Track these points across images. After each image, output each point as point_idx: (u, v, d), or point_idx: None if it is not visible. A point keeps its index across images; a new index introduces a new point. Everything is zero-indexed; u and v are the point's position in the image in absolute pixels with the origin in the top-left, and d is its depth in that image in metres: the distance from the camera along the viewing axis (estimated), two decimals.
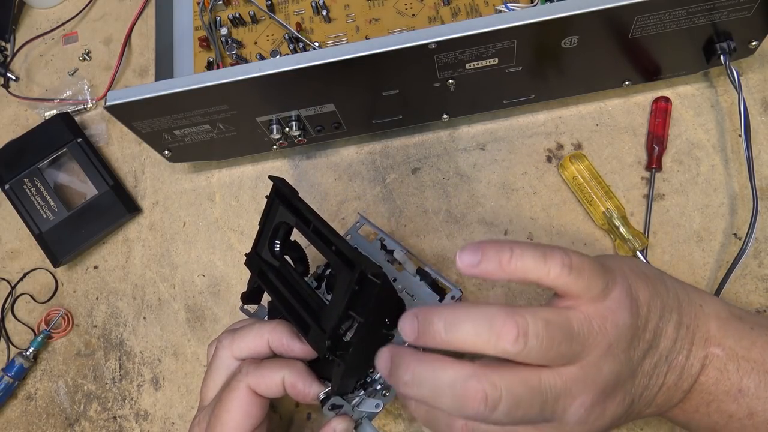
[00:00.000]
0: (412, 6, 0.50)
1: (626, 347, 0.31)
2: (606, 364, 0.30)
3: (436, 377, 0.29)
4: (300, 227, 0.38)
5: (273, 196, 0.39)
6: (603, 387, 0.30)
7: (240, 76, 0.40)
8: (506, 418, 0.28)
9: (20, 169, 0.54)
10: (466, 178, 0.49)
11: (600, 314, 0.31)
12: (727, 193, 0.45)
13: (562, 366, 0.30)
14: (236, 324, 0.41)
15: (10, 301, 0.54)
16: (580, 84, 0.46)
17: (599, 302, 0.31)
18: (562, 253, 0.30)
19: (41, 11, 0.64)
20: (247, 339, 0.38)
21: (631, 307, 0.31)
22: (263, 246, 0.40)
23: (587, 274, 0.30)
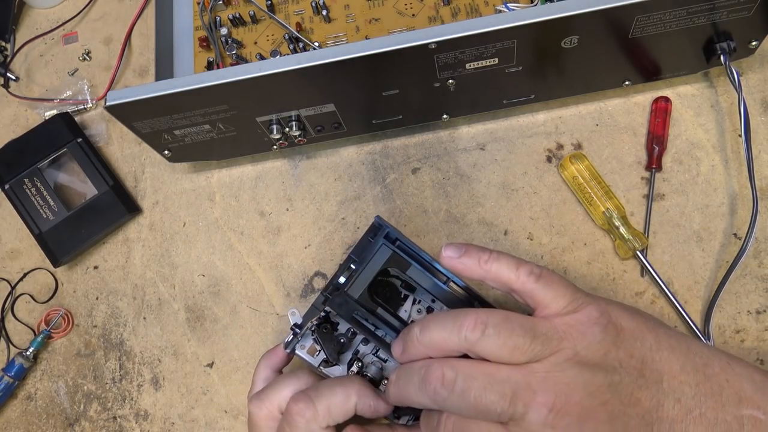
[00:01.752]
0: (412, 6, 0.50)
1: (599, 361, 0.31)
2: (572, 369, 0.30)
3: (408, 372, 0.34)
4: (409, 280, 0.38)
5: (382, 240, 0.37)
6: (569, 392, 0.30)
7: (240, 76, 0.40)
8: (462, 400, 0.31)
9: (20, 169, 0.54)
10: (466, 178, 0.49)
11: (566, 322, 0.32)
12: (727, 193, 0.45)
13: (525, 363, 0.31)
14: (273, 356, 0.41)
15: (10, 301, 0.54)
16: (580, 84, 0.46)
17: (568, 314, 0.32)
18: (534, 265, 0.33)
19: (41, 11, 0.64)
20: (335, 404, 0.36)
21: (606, 325, 0.32)
22: (359, 289, 0.37)
23: (555, 285, 0.33)
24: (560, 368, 0.30)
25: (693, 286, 0.44)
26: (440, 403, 0.31)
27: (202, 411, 0.48)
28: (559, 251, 0.46)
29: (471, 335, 0.31)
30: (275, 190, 0.52)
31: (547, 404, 0.30)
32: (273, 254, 0.50)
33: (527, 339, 0.31)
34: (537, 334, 0.31)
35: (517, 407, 0.30)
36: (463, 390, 0.31)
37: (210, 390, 0.48)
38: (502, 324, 0.31)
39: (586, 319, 0.32)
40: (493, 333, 0.31)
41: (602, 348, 0.31)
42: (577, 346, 0.31)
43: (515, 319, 0.32)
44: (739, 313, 0.42)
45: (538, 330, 0.31)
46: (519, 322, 0.31)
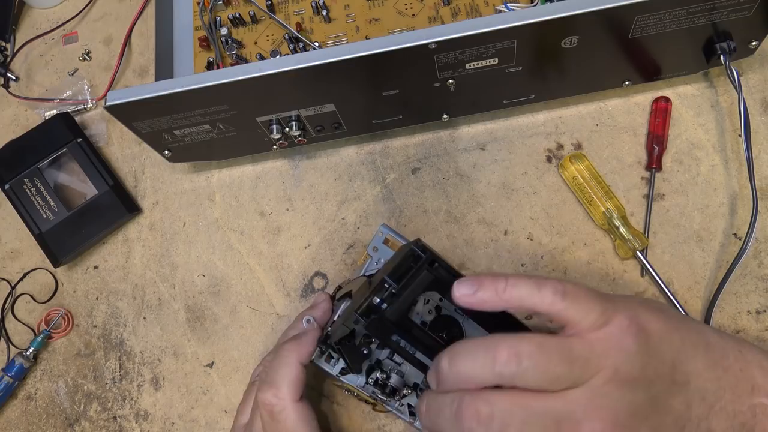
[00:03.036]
0: (412, 6, 0.50)
1: (639, 375, 0.30)
2: (616, 391, 0.29)
3: (439, 400, 0.31)
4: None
5: (425, 265, 0.35)
6: (615, 416, 0.29)
7: (240, 76, 0.40)
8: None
9: (20, 169, 0.54)
10: (466, 178, 0.49)
11: (601, 339, 0.30)
12: (727, 193, 0.45)
13: (565, 390, 0.29)
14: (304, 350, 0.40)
15: (10, 301, 0.54)
16: (580, 84, 0.46)
17: (600, 328, 0.30)
18: (555, 282, 0.31)
19: (41, 11, 0.64)
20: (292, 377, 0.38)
21: (637, 333, 0.31)
22: (397, 313, 0.35)
23: (583, 300, 0.31)
24: (602, 392, 0.29)
25: (693, 286, 0.44)
26: None
27: (202, 411, 0.48)
28: (559, 251, 0.46)
29: (506, 369, 0.29)
30: (275, 190, 0.52)
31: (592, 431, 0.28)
32: (273, 254, 0.50)
33: (566, 366, 0.29)
34: (574, 358, 0.29)
35: None
36: (502, 427, 0.29)
37: (210, 390, 0.48)
38: (537, 353, 0.29)
39: (618, 330, 0.30)
40: (529, 365, 0.29)
41: (639, 360, 0.30)
42: (617, 363, 0.30)
43: (551, 345, 0.30)
44: (739, 313, 0.42)
45: (575, 353, 0.30)
46: (555, 346, 0.30)
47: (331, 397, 0.45)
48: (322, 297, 0.43)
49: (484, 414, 0.29)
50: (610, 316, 0.31)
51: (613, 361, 0.30)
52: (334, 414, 0.45)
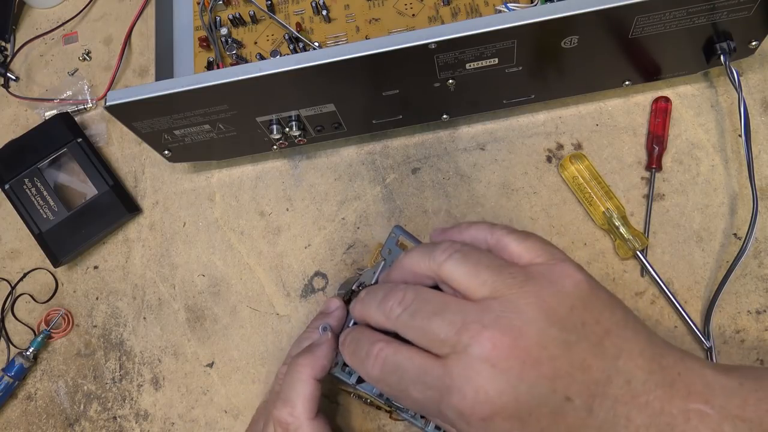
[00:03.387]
0: (412, 6, 0.50)
1: (562, 317, 0.30)
2: (529, 314, 0.29)
3: (376, 288, 0.35)
4: None
5: None
6: (518, 337, 0.29)
7: (240, 76, 0.40)
8: (411, 319, 0.31)
9: (20, 169, 0.54)
10: (466, 178, 0.49)
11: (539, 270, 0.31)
12: (727, 193, 0.45)
13: (483, 299, 0.30)
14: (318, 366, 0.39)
15: (10, 301, 0.54)
16: (580, 84, 0.46)
17: (543, 264, 0.32)
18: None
19: (41, 11, 0.64)
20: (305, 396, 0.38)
21: (579, 282, 0.31)
22: None
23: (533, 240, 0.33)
24: (517, 310, 0.29)
25: (693, 286, 0.44)
26: (392, 321, 0.32)
27: (202, 411, 0.48)
28: None
29: (439, 256, 0.32)
30: (275, 190, 0.52)
31: (492, 340, 0.29)
32: (273, 254, 0.50)
33: (491, 271, 0.31)
34: (503, 270, 0.31)
35: (462, 338, 0.29)
36: (415, 311, 0.31)
37: (210, 390, 0.48)
38: (471, 253, 0.32)
39: (561, 271, 0.31)
40: (459, 258, 0.31)
41: (569, 302, 0.30)
42: (543, 292, 0.30)
43: (487, 254, 0.32)
44: (739, 313, 0.42)
45: (506, 268, 0.31)
46: (490, 256, 0.32)
47: (331, 397, 0.45)
48: (335, 303, 0.41)
49: (407, 298, 0.32)
50: (561, 261, 0.32)
51: (539, 288, 0.30)
52: (334, 414, 0.45)
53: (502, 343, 0.29)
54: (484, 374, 0.29)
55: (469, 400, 0.29)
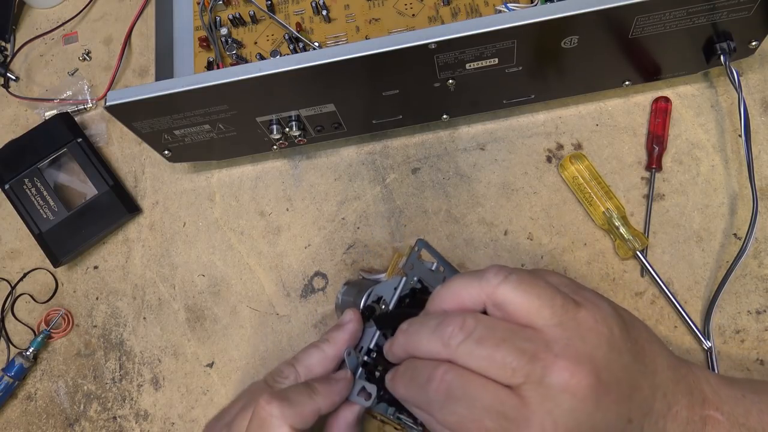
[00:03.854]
0: (412, 6, 0.50)
1: (616, 339, 0.30)
2: (592, 340, 0.29)
3: (425, 318, 0.32)
4: None
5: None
6: (590, 365, 0.28)
7: (240, 76, 0.40)
8: (477, 347, 0.29)
9: (20, 169, 0.54)
10: (466, 178, 0.49)
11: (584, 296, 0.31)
12: (727, 193, 0.45)
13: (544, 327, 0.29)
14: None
15: (10, 301, 0.54)
16: (580, 84, 0.46)
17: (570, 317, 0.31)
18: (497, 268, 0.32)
19: (41, 11, 0.64)
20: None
21: (616, 308, 0.31)
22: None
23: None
24: (581, 337, 0.29)
25: (693, 286, 0.44)
26: (452, 349, 0.29)
27: (202, 411, 0.48)
28: (559, 251, 0.46)
29: (493, 279, 0.30)
30: (275, 190, 0.52)
31: (569, 369, 0.28)
32: (273, 254, 0.50)
33: (549, 296, 0.29)
34: (557, 295, 0.30)
35: (535, 367, 0.28)
36: (482, 338, 0.29)
37: (210, 390, 0.48)
38: (524, 276, 0.30)
39: (593, 296, 0.31)
40: (516, 281, 0.30)
41: (617, 324, 0.30)
42: (596, 317, 0.29)
43: (536, 277, 0.30)
44: (739, 313, 0.42)
45: (558, 293, 0.30)
46: (540, 281, 0.30)
47: None
48: (352, 316, 0.38)
49: (469, 324, 0.29)
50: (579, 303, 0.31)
51: (593, 314, 0.30)
52: None
53: (580, 373, 0.28)
54: (564, 406, 0.28)
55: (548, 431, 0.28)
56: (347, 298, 0.42)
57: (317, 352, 0.37)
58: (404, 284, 0.38)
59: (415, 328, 0.32)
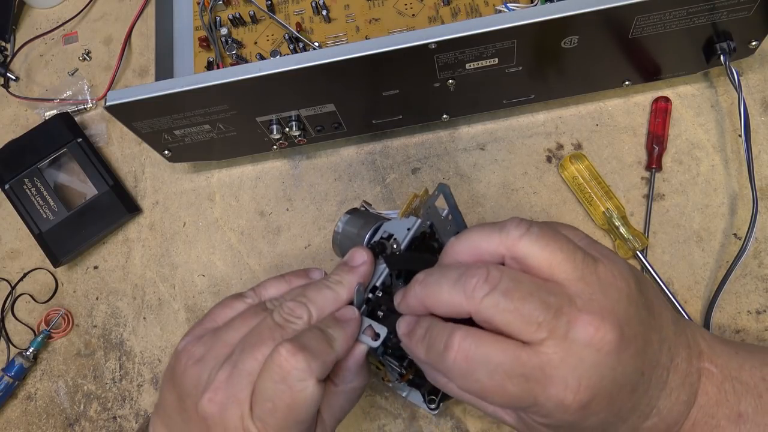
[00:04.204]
0: (412, 6, 0.50)
1: (631, 292, 0.29)
2: (613, 294, 0.28)
3: (444, 269, 0.30)
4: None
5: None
6: (612, 319, 0.28)
7: (240, 76, 0.40)
8: (504, 300, 0.28)
9: (20, 169, 0.54)
10: (466, 178, 0.49)
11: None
12: (727, 193, 0.45)
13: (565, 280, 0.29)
14: None
15: (10, 301, 0.54)
16: (580, 84, 0.46)
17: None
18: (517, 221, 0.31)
19: (41, 11, 0.64)
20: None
21: (627, 262, 0.31)
22: None
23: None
24: (603, 291, 0.28)
25: (693, 286, 0.44)
26: (476, 301, 0.28)
27: None
28: None
29: (514, 231, 0.29)
30: (275, 190, 0.52)
31: (594, 323, 0.27)
32: (273, 254, 0.50)
33: (570, 249, 0.29)
34: (577, 250, 0.29)
35: (560, 322, 0.27)
36: (507, 289, 0.28)
37: None
38: (545, 229, 0.29)
39: (609, 252, 0.31)
40: (538, 233, 0.29)
41: (633, 279, 0.30)
42: (613, 271, 0.29)
43: (556, 230, 0.30)
44: (739, 313, 0.42)
45: (578, 248, 0.29)
46: (559, 234, 0.29)
47: None
48: (363, 256, 0.35)
49: (494, 275, 0.28)
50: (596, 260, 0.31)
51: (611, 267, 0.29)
52: None
53: (604, 327, 0.27)
54: (588, 360, 0.27)
55: (572, 388, 0.27)
56: (350, 228, 0.39)
57: (330, 293, 0.34)
58: (419, 226, 0.36)
59: (435, 279, 0.30)
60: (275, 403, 0.30)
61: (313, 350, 0.31)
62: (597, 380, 0.27)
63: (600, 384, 0.28)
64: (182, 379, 0.32)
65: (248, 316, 0.34)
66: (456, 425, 0.43)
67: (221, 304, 0.37)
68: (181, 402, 0.32)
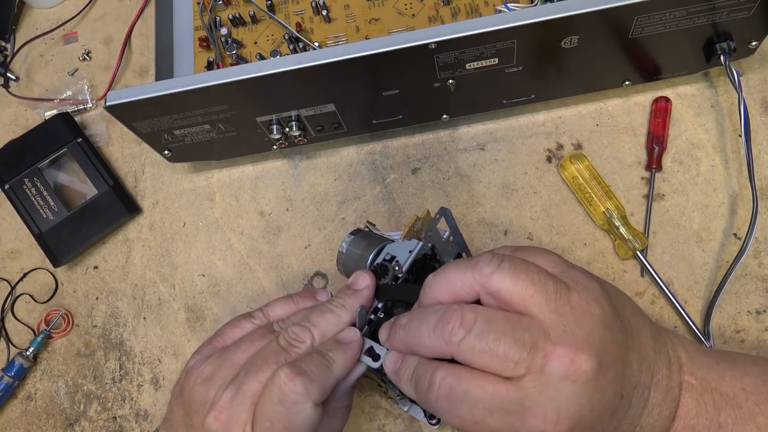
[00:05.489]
0: (412, 6, 0.50)
1: (609, 319, 0.30)
2: (588, 324, 0.29)
3: (423, 314, 0.31)
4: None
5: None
6: (587, 348, 0.28)
7: (240, 76, 0.40)
8: (479, 342, 0.29)
9: (20, 169, 0.54)
10: (466, 178, 0.49)
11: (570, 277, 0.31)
12: (727, 193, 0.45)
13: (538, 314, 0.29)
14: None
15: (10, 301, 0.54)
16: (580, 84, 0.46)
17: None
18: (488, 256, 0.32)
19: (41, 11, 0.64)
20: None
21: (602, 283, 0.32)
22: None
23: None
24: (577, 322, 0.29)
25: (693, 286, 0.44)
26: (454, 345, 0.29)
27: None
28: (559, 251, 0.46)
29: (486, 268, 0.30)
30: (275, 190, 0.52)
31: (568, 356, 0.28)
32: (273, 254, 0.50)
33: (541, 281, 0.30)
34: (549, 279, 0.30)
35: (536, 358, 0.28)
36: (482, 332, 0.29)
37: None
38: (516, 263, 0.30)
39: (581, 275, 0.31)
40: (509, 268, 0.30)
41: (607, 303, 0.30)
42: (588, 298, 0.30)
43: (526, 261, 0.30)
44: (739, 313, 0.42)
45: (549, 277, 0.30)
46: (531, 264, 0.30)
47: None
48: (366, 280, 0.36)
49: (468, 318, 0.29)
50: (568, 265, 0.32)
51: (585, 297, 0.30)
52: None
53: (579, 358, 0.28)
54: (565, 392, 0.28)
55: (551, 420, 0.28)
56: (354, 249, 0.40)
57: (333, 317, 0.35)
58: (420, 249, 0.37)
59: (415, 325, 0.31)
60: (273, 424, 0.31)
61: (311, 374, 0.32)
62: (576, 410, 0.28)
63: (579, 414, 0.28)
64: (190, 396, 0.34)
65: (255, 338, 0.36)
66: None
67: (230, 324, 0.38)
68: (188, 418, 0.34)
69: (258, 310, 0.39)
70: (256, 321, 0.38)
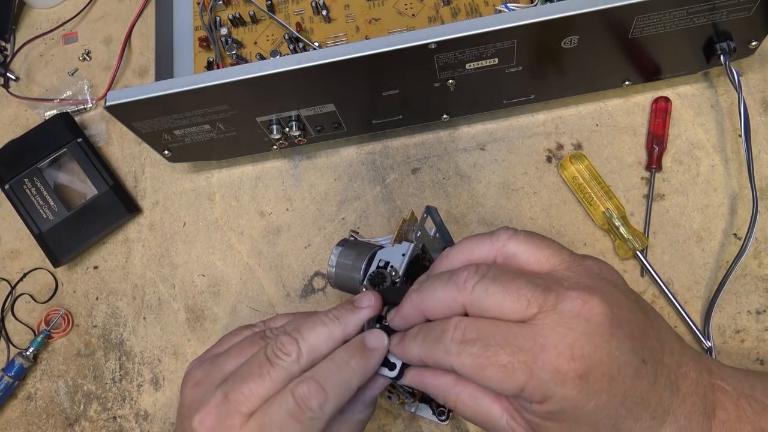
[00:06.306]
0: (412, 6, 0.50)
1: (621, 284, 0.31)
2: (598, 281, 0.30)
3: (436, 276, 0.32)
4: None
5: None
6: (598, 298, 0.28)
7: (240, 76, 0.40)
8: (493, 284, 0.29)
9: (20, 169, 0.54)
10: (466, 178, 0.49)
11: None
12: (727, 193, 0.45)
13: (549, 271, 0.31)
14: None
15: (10, 301, 0.54)
16: (580, 84, 0.46)
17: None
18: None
19: (41, 11, 0.64)
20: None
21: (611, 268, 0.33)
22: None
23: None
24: (590, 277, 0.30)
25: (693, 286, 0.44)
26: (468, 291, 0.30)
27: None
28: None
29: (504, 235, 0.31)
30: (275, 190, 0.52)
31: (581, 297, 0.28)
32: (273, 254, 0.50)
33: (561, 250, 0.31)
34: (564, 250, 0.31)
35: (549, 297, 0.28)
36: (495, 276, 0.29)
37: None
38: (535, 234, 0.32)
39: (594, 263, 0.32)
40: (525, 235, 0.31)
41: (621, 278, 0.31)
42: (602, 266, 0.31)
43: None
44: (739, 313, 0.42)
45: (565, 250, 0.31)
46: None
47: None
48: (371, 300, 0.35)
49: (482, 267, 0.30)
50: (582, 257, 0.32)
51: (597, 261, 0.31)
52: None
53: (592, 300, 0.28)
54: (579, 329, 0.28)
55: (565, 355, 0.27)
56: (345, 261, 0.39)
57: (324, 330, 0.34)
58: (413, 250, 0.37)
59: (429, 283, 0.32)
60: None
61: (331, 391, 0.32)
62: (590, 349, 0.28)
63: (595, 354, 0.28)
64: (182, 399, 0.35)
65: (245, 345, 0.35)
66: (456, 425, 0.43)
67: (231, 332, 0.39)
68: (181, 421, 0.34)
69: (261, 321, 0.39)
70: (255, 329, 0.38)
